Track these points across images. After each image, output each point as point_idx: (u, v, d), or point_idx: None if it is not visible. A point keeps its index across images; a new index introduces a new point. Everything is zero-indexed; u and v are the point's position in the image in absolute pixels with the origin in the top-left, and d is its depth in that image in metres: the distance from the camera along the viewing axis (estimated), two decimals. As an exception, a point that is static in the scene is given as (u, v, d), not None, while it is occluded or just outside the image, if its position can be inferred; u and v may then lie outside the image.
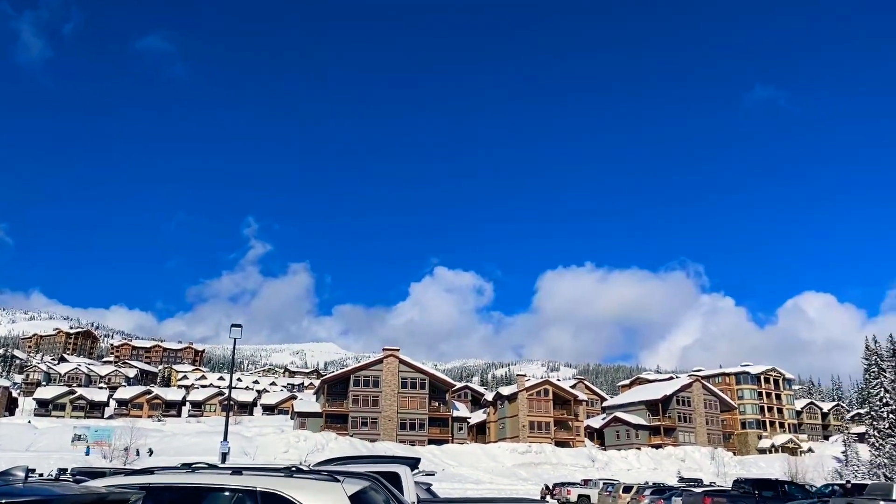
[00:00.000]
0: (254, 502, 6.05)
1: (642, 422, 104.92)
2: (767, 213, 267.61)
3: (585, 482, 50.69)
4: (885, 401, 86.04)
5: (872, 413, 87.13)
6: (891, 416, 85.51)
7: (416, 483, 12.53)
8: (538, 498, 41.43)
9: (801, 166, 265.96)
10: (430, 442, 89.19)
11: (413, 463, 12.65)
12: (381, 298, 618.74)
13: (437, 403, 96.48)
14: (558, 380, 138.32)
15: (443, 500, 14.45)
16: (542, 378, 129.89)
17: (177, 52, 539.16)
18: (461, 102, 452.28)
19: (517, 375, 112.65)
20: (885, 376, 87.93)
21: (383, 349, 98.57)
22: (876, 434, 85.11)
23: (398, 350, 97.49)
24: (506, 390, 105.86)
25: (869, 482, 48.91)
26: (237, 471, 6.46)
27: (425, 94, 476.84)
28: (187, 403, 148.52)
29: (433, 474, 27.97)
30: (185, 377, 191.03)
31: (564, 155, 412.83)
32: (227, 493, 6.19)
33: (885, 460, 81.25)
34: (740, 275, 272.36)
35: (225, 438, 32.24)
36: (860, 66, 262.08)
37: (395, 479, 11.26)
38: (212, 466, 6.81)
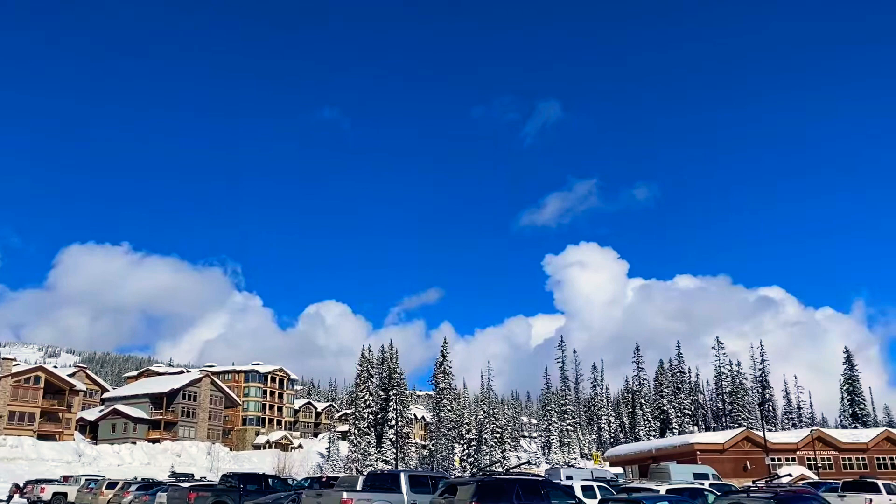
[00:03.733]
0: None
1: (144, 415, 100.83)
2: (305, 222, 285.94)
3: (65, 479, 46.57)
4: (368, 403, 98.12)
5: (357, 413, 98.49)
6: (370, 416, 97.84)
7: None
8: (3, 498, 36.42)
9: (342, 188, 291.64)
10: None
11: None
12: None
13: None
14: (55, 367, 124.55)
15: None
16: (36, 364, 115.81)
17: None
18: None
19: (3, 359, 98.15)
20: (372, 381, 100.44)
21: None
22: (356, 432, 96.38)
23: None
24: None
25: (343, 475, 54.94)
26: None
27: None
28: None
29: None
30: None
31: (112, 124, 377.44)
32: None
33: (360, 455, 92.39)
34: (273, 277, 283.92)
35: None
36: (410, 98, 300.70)
37: None
38: None
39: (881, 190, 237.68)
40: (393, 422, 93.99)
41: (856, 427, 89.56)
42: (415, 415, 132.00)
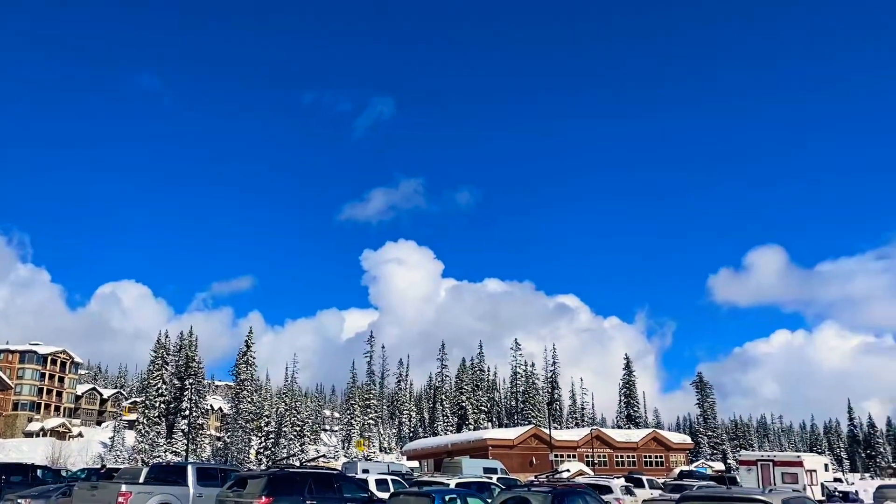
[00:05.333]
0: None
1: None
2: (106, 194, 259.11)
3: None
4: (160, 391, 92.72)
5: (147, 402, 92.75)
6: (162, 405, 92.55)
7: None
8: None
9: (155, 161, 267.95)
10: None
11: None
12: None
13: None
14: None
15: None
16: None
17: None
18: None
19: None
20: (167, 369, 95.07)
21: None
22: (145, 421, 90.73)
23: None
24: None
25: (126, 466, 51.47)
26: None
27: None
28: None
29: None
30: None
31: None
32: None
33: (147, 446, 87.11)
34: (65, 251, 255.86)
35: None
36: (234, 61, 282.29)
37: None
38: None
39: (664, 213, 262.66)
40: (187, 412, 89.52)
41: (629, 428, 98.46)
42: (211, 405, 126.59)
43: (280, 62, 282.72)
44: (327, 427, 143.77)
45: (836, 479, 46.93)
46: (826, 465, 44.16)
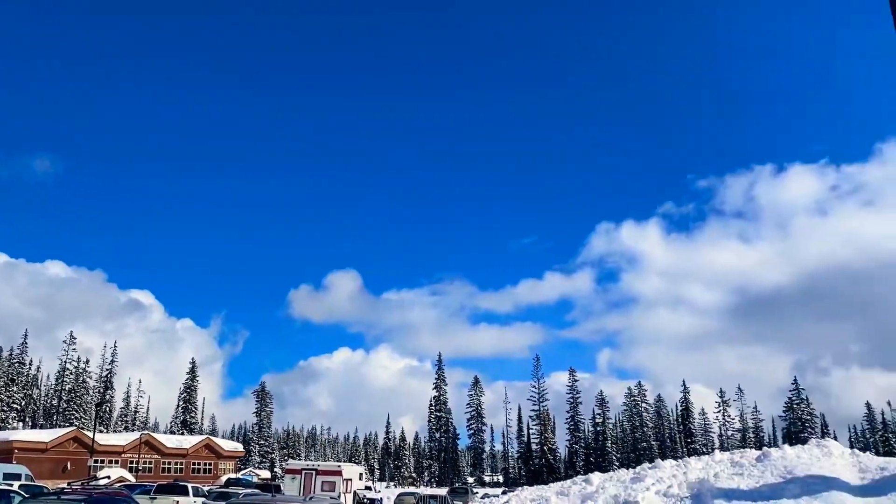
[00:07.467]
0: None
1: None
2: None
3: None
4: None
5: None
6: None
7: None
8: None
9: None
10: None
11: None
12: None
13: None
14: None
15: None
16: None
17: None
18: None
19: None
20: None
21: None
22: None
23: None
24: None
25: None
26: None
27: None
28: None
29: None
30: None
31: None
32: None
33: None
34: None
35: None
36: None
37: None
38: None
39: (258, 220, 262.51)
40: None
41: (184, 433, 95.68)
42: None
43: None
44: None
45: (367, 487, 51.81)
46: (361, 475, 48.55)
